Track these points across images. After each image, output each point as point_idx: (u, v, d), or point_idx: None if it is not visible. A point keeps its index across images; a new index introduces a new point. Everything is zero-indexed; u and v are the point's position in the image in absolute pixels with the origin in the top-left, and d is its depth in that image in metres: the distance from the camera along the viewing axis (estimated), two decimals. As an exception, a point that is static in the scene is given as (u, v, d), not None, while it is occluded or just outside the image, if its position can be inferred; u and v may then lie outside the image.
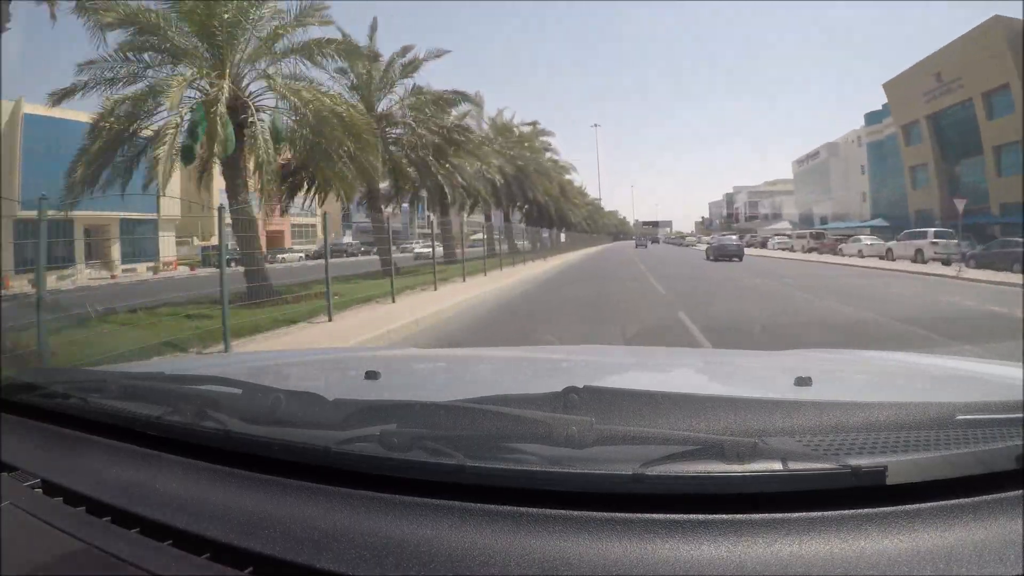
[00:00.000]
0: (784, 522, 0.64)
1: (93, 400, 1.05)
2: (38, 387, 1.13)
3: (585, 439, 0.71)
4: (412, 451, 0.76)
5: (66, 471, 0.90)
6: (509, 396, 0.81)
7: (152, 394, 1.06)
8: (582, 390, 0.80)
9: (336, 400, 0.89)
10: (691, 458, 0.70)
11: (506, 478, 0.72)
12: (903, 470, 0.67)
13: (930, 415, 0.74)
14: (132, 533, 0.74)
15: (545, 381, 1.15)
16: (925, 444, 0.72)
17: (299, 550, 0.66)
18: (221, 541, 0.69)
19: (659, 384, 1.39)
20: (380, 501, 0.74)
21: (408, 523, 0.69)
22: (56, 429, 1.04)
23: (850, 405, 0.78)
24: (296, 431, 0.85)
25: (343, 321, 8.51)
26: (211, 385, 1.06)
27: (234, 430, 0.88)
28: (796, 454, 0.70)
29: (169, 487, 0.82)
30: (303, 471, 0.81)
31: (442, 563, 0.62)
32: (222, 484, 0.82)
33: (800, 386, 1.03)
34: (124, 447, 0.95)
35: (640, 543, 0.63)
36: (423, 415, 0.83)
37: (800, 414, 0.75)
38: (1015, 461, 0.70)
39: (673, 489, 0.69)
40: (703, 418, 0.74)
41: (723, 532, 0.63)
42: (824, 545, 0.61)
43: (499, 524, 0.67)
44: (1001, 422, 0.75)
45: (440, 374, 1.72)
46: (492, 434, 0.77)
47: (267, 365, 1.80)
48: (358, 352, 2.79)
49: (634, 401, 0.80)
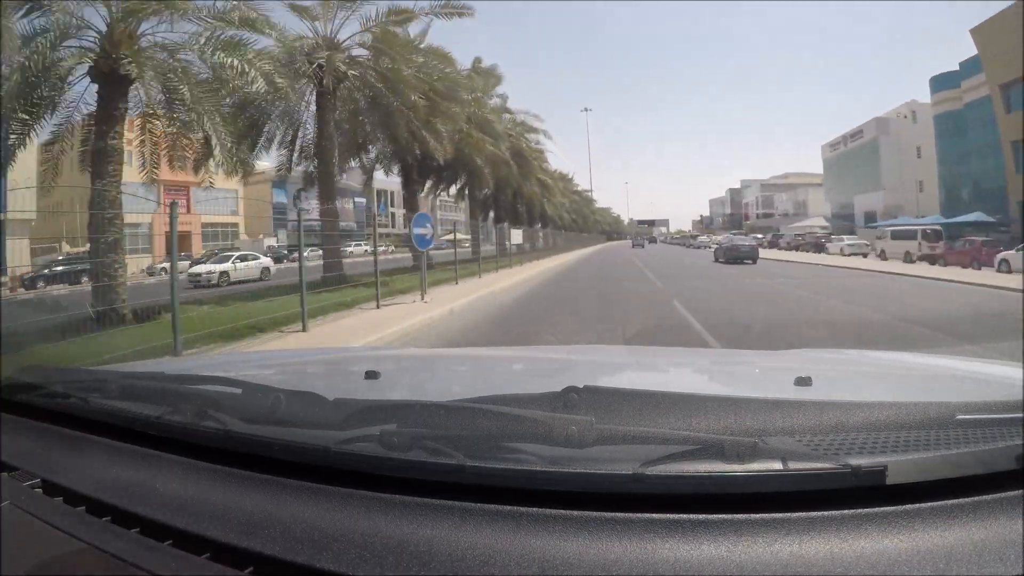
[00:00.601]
0: (784, 522, 0.64)
1: (93, 400, 1.05)
2: (38, 387, 1.13)
3: (585, 439, 0.71)
4: (412, 451, 0.76)
5: (66, 471, 0.90)
6: (509, 396, 0.81)
7: (152, 394, 1.06)
8: (582, 390, 0.80)
9: (336, 400, 0.89)
10: (691, 458, 0.70)
11: (506, 478, 0.72)
12: (903, 470, 0.68)
13: (930, 415, 0.74)
14: (132, 533, 0.74)
15: (545, 381, 1.15)
16: (925, 444, 0.72)
17: (299, 550, 0.66)
18: (221, 541, 0.69)
19: (659, 384, 1.39)
20: (380, 501, 0.74)
21: (408, 523, 0.69)
22: (56, 429, 1.04)
23: (850, 405, 0.78)
24: (296, 431, 0.85)
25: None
26: (211, 385, 1.06)
27: (234, 430, 0.88)
28: (796, 454, 0.70)
29: (169, 487, 0.82)
30: (303, 471, 0.81)
31: (442, 563, 0.62)
32: (222, 484, 0.82)
33: (800, 386, 1.03)
34: (124, 447, 0.96)
35: (640, 543, 0.63)
36: (423, 415, 0.83)
37: (800, 414, 0.75)
38: (1015, 461, 0.70)
39: (673, 489, 0.69)
40: (703, 418, 0.75)
41: (723, 532, 0.63)
42: (824, 545, 0.61)
43: (499, 524, 0.67)
44: (1001, 422, 0.75)
45: (440, 374, 1.72)
46: (492, 434, 0.77)
47: (267, 365, 1.80)
48: (358, 352, 2.79)
49: (634, 401, 0.80)
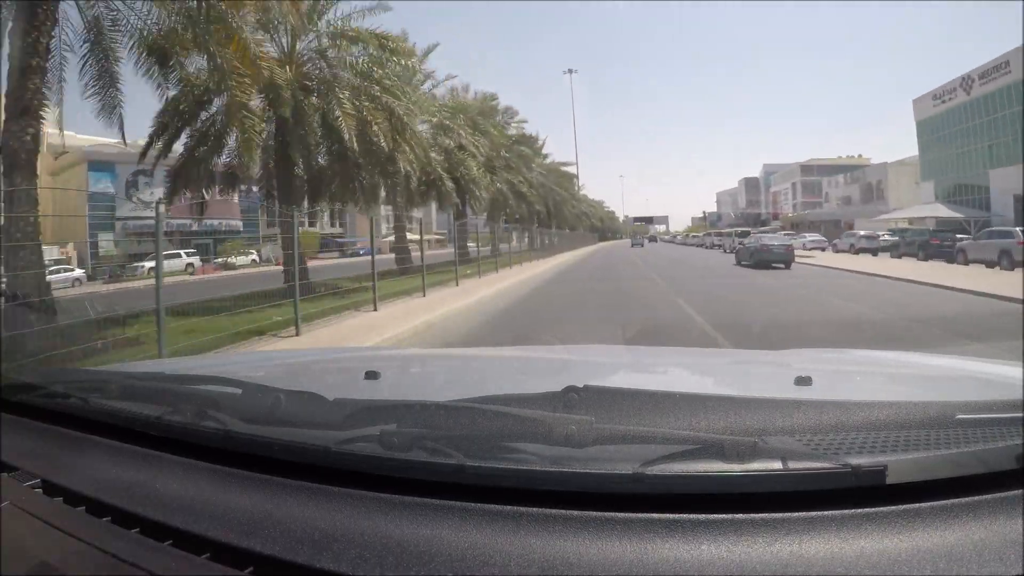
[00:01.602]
0: (784, 522, 0.64)
1: (93, 400, 1.06)
2: (38, 387, 1.14)
3: (585, 439, 0.71)
4: (412, 451, 0.76)
5: (66, 471, 0.90)
6: (509, 396, 0.81)
7: (152, 394, 1.06)
8: (582, 390, 0.80)
9: (336, 400, 0.89)
10: (691, 457, 0.70)
11: (506, 478, 0.72)
12: (903, 469, 0.68)
13: (930, 415, 0.74)
14: (132, 533, 0.74)
15: (545, 381, 1.15)
16: (925, 443, 0.72)
17: (299, 550, 0.66)
18: (221, 541, 0.69)
19: (659, 384, 1.39)
20: (380, 501, 0.74)
21: (408, 523, 0.69)
22: (56, 429, 1.04)
23: (850, 404, 0.78)
24: (296, 431, 0.85)
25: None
26: (211, 385, 1.06)
27: (234, 430, 0.88)
28: (796, 453, 0.70)
29: (169, 487, 0.82)
30: (303, 471, 0.81)
31: (442, 563, 0.62)
32: (222, 484, 0.82)
33: (800, 385, 1.03)
34: (124, 447, 0.96)
35: (640, 543, 0.63)
36: (423, 415, 0.83)
37: (800, 413, 0.75)
38: (1015, 461, 0.70)
39: (673, 489, 0.69)
40: (703, 417, 0.74)
41: (723, 532, 0.63)
42: (824, 545, 0.61)
43: (499, 524, 0.67)
44: (1001, 422, 0.75)
45: (440, 374, 1.72)
46: (492, 434, 0.77)
47: (267, 365, 1.80)
48: (358, 352, 2.79)
49: (634, 400, 0.80)
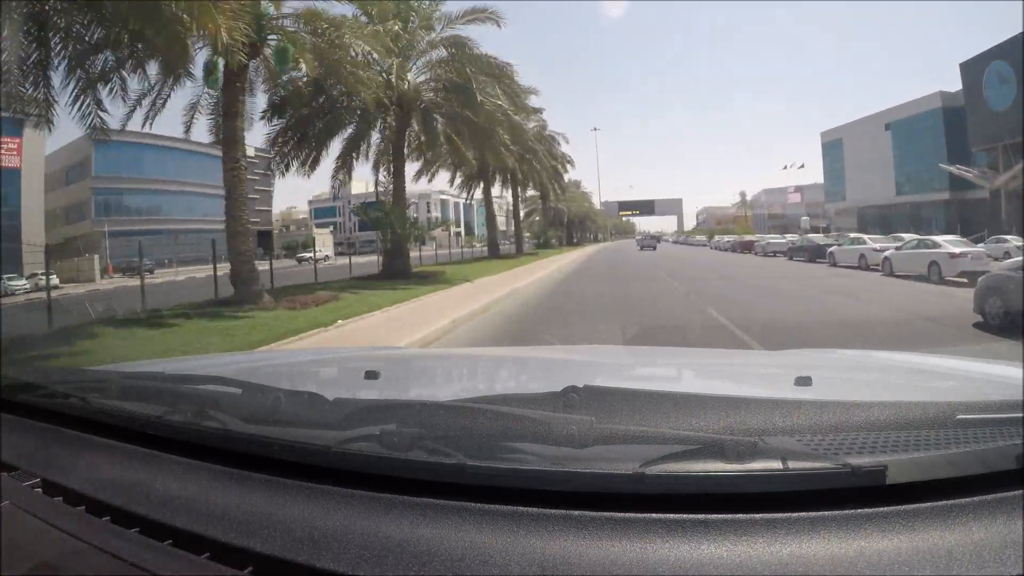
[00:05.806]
0: (784, 522, 0.64)
1: (93, 400, 1.05)
2: (38, 387, 1.14)
3: (585, 439, 0.71)
4: (412, 451, 0.76)
5: (66, 471, 0.90)
6: (509, 396, 0.81)
7: (152, 394, 1.06)
8: (582, 390, 0.80)
9: (336, 400, 0.89)
10: (691, 458, 0.70)
11: (506, 478, 0.72)
12: (903, 470, 0.68)
13: (930, 415, 0.74)
14: (132, 533, 0.74)
15: (545, 381, 1.15)
16: (925, 444, 0.72)
17: (299, 550, 0.66)
18: (221, 541, 0.69)
19: (659, 384, 1.39)
20: (380, 501, 0.74)
21: (408, 523, 0.69)
22: (56, 429, 1.04)
23: (850, 405, 0.78)
24: (296, 431, 0.85)
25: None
26: (211, 385, 1.06)
27: (234, 430, 0.88)
28: (796, 453, 0.70)
29: (169, 487, 0.82)
30: (303, 471, 0.81)
31: (442, 563, 0.62)
32: (222, 484, 0.82)
33: (800, 385, 1.03)
34: (124, 447, 0.95)
35: (640, 543, 0.63)
36: (423, 415, 0.83)
37: (800, 413, 0.75)
38: (1015, 461, 0.70)
39: (673, 489, 0.69)
40: (703, 417, 0.74)
41: (723, 532, 0.63)
42: (824, 545, 0.61)
43: (499, 524, 0.67)
44: (1001, 422, 0.75)
45: (440, 374, 1.72)
46: (492, 434, 0.77)
47: (267, 365, 1.80)
48: (358, 352, 2.79)
49: (634, 400, 0.80)
